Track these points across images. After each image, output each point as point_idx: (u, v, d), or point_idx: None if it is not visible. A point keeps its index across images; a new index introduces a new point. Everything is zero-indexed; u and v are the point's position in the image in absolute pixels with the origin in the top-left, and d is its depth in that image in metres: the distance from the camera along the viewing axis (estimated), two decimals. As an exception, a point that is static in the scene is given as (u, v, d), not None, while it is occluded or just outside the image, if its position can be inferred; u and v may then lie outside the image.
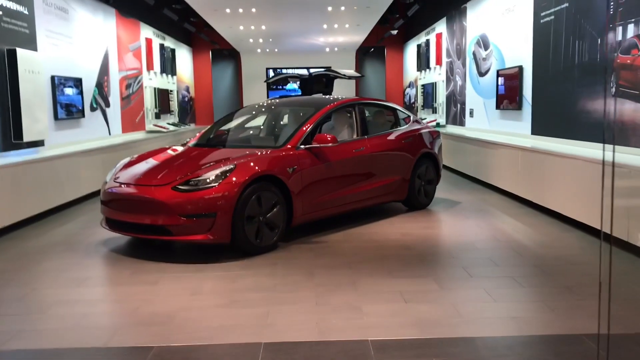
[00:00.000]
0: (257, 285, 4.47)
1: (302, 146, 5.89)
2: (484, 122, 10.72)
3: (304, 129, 6.03)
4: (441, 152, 7.81)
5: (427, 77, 15.53)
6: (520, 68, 8.79)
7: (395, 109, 7.52)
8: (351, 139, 6.54)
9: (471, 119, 11.64)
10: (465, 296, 4.17)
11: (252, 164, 5.39)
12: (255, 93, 19.28)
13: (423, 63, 15.83)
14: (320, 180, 5.93)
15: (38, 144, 8.11)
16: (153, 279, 4.68)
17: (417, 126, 7.51)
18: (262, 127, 7.27)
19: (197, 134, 6.94)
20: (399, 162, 6.97)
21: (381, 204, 6.97)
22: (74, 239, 6.14)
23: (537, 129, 8.31)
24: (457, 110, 12.66)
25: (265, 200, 5.35)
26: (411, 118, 7.59)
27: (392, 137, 6.99)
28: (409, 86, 18.24)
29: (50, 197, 7.43)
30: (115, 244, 5.84)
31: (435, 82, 14.45)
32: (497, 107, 9.81)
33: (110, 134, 11.12)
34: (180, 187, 5.13)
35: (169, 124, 15.03)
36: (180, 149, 6.37)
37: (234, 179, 5.15)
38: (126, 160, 6.19)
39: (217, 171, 5.21)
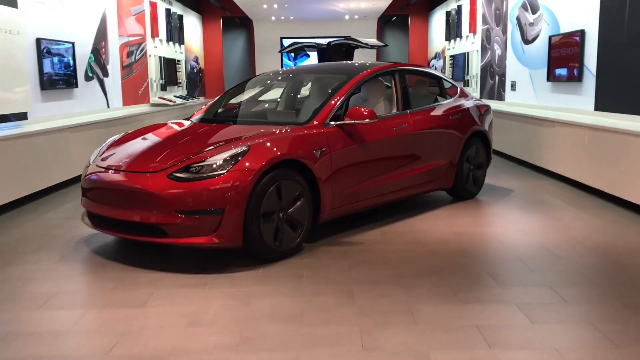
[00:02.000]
0: (277, 310, 3.32)
1: (332, 123, 4.69)
2: (530, 96, 9.43)
3: (335, 101, 4.82)
4: (491, 130, 6.57)
5: (457, 47, 14.17)
6: (582, 33, 7.48)
7: (439, 78, 6.27)
8: (390, 114, 5.32)
9: (512, 92, 10.35)
10: (570, 336, 2.99)
11: (270, 145, 4.21)
12: (268, 65, 18.00)
13: (453, 32, 14.46)
14: (353, 166, 4.75)
15: (20, 117, 6.97)
16: (141, 297, 3.55)
17: (464, 99, 6.27)
18: (280, 99, 6.06)
19: (203, 107, 5.76)
20: (446, 142, 5.76)
21: (423, 193, 5.77)
22: (51, 233, 5.03)
23: (603, 104, 7.03)
24: (494, 83, 11.36)
25: (287, 191, 4.19)
26: (458, 89, 6.35)
27: (437, 112, 5.76)
28: (435, 57, 16.88)
29: (32, 180, 6.31)
30: (100, 241, 4.71)
31: (468, 53, 13.11)
32: (549, 79, 8.51)
33: (109, 106, 9.97)
34: (178, 174, 3.97)
35: (176, 96, 13.85)
36: (181, 124, 5.19)
37: (247, 164, 3.99)
38: (114, 138, 5.03)
39: (226, 154, 4.04)
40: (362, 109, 4.66)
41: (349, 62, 6.10)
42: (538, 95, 9.12)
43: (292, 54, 16.99)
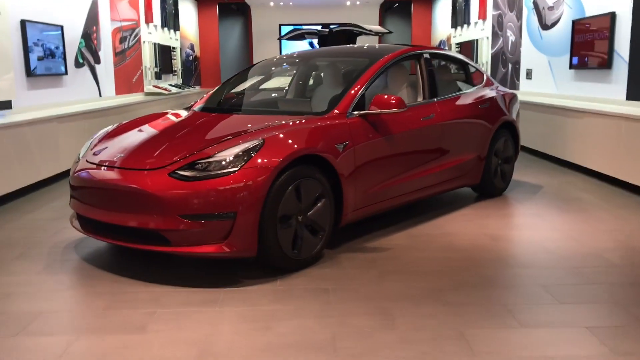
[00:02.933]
0: (304, 336, 2.78)
1: (356, 112, 4.13)
2: (549, 84, 8.89)
3: (357, 88, 4.25)
4: (519, 121, 6.02)
5: (464, 34, 13.60)
6: (612, 16, 6.92)
7: (465, 63, 5.71)
8: (416, 103, 4.76)
9: (528, 81, 9.80)
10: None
11: (287, 138, 3.65)
12: (267, 53, 17.35)
13: (460, 18, 13.88)
14: (378, 161, 4.19)
15: (3, 106, 6.36)
16: (140, 319, 2.99)
17: (491, 86, 5.72)
18: (290, 86, 5.49)
19: (205, 96, 5.18)
20: (475, 134, 5.22)
21: (450, 191, 5.23)
22: (36, 237, 4.45)
23: (637, 92, 6.49)
24: (507, 72, 10.81)
25: (306, 191, 3.64)
26: (484, 76, 5.80)
27: (465, 100, 5.21)
28: (440, 45, 16.30)
29: (15, 175, 5.73)
30: (91, 247, 4.15)
31: (477, 40, 12.55)
32: (572, 66, 7.97)
33: (101, 95, 9.36)
34: (181, 172, 3.41)
35: (171, 85, 13.23)
36: (182, 114, 4.61)
37: (262, 160, 3.43)
38: (107, 129, 4.45)
39: (237, 149, 3.47)
40: (389, 97, 4.09)
41: (367, 45, 5.53)
42: (558, 84, 8.58)
43: (314, 40, 16.23)
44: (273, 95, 5.40)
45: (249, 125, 3.88)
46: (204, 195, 3.32)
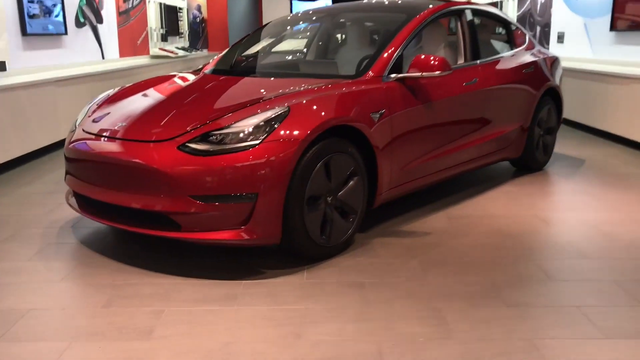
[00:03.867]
0: (341, 348, 2.30)
1: (393, 75, 3.58)
2: (584, 48, 8.23)
3: (394, 47, 3.68)
4: (561, 87, 5.45)
5: (487, -5, 12.84)
6: (664, -29, 6.26)
7: (507, 21, 5.11)
8: (457, 66, 4.19)
9: (559, 45, 9.14)
10: None
11: (316, 106, 3.12)
12: (277, 15, 16.63)
13: (482, -22, 13.09)
14: (416, 133, 3.66)
15: (-4, 68, 5.83)
16: (145, 319, 2.52)
17: (533, 49, 5.13)
18: (309, 46, 4.91)
19: (216, 57, 4.61)
20: (519, 102, 4.66)
21: (488, 165, 4.70)
22: (29, 214, 3.98)
23: (691, 57, 5.88)
24: (535, 35, 10.13)
25: (337, 168, 3.13)
26: (526, 36, 5.20)
27: (509, 64, 4.64)
28: (459, 8, 15.50)
29: (9, 144, 5.24)
30: (91, 227, 3.67)
31: (501, 1, 11.81)
32: (613, 27, 7.32)
33: (103, 57, 8.77)
34: (192, 145, 2.90)
35: (178, 48, 12.60)
36: (191, 78, 4.07)
37: (287, 132, 2.91)
38: (108, 93, 3.92)
39: (257, 119, 2.95)
40: (432, 58, 3.54)
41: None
42: (595, 48, 7.93)
43: None
44: (296, 55, 4.82)
45: (269, 91, 3.35)
46: (218, 172, 2.81)
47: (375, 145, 3.32)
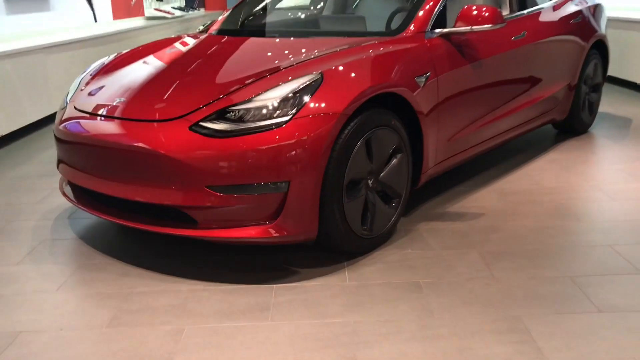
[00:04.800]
0: (410, 377, 1.84)
1: (437, 31, 3.03)
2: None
3: (437, -1, 3.12)
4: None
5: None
6: None
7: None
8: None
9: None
10: None
11: (353, 71, 2.58)
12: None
13: None
14: (464, 97, 3.14)
15: (-24, 35, 5.26)
16: (159, 345, 2.05)
17: (577, -4, 4.54)
18: None
19: (222, 15, 4.03)
20: (567, 56, 4.11)
21: (534, 130, 4.16)
22: (19, 202, 3.49)
23: None
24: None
25: (379, 145, 2.62)
26: (569, -18, 4.60)
27: (555, 14, 4.06)
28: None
29: (-5, 121, 4.72)
30: (91, 218, 3.19)
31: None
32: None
33: (96, 20, 8.16)
34: (206, 124, 2.38)
35: (174, 8, 11.89)
36: (196, 40, 3.51)
37: (321, 105, 2.39)
38: (102, 61, 3.38)
39: (284, 89, 2.42)
40: (483, 8, 2.98)
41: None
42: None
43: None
44: (319, 8, 4.20)
45: (292, 54, 2.81)
46: (239, 157, 2.30)
47: (421, 115, 2.80)
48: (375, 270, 2.52)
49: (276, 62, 2.73)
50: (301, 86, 2.42)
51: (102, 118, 2.66)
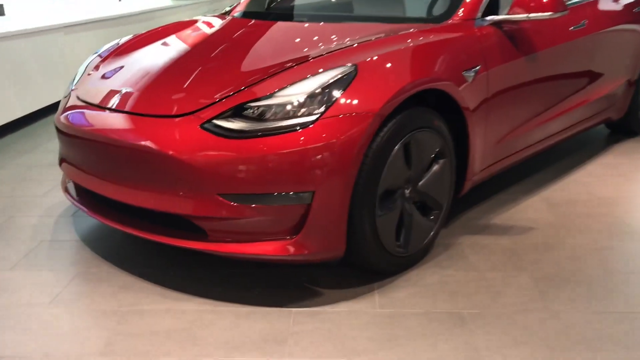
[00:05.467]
0: None
1: (489, 18, 2.64)
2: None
3: (488, -19, 2.73)
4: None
5: None
6: None
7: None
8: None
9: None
10: None
11: (391, 64, 2.23)
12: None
13: None
14: (516, 94, 2.76)
15: (-9, 13, 5.02)
16: (157, 381, 1.76)
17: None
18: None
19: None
20: (628, 50, 3.67)
21: (587, 130, 3.75)
22: (22, 196, 3.23)
23: None
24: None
25: (419, 150, 2.27)
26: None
27: (615, 2, 3.62)
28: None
29: (8, 103, 4.47)
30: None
31: None
32: None
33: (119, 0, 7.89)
34: (220, 122, 2.06)
35: (202, -13, 11.56)
36: (217, 23, 3.18)
37: (352, 103, 2.04)
38: (114, 44, 3.08)
39: (312, 84, 2.08)
40: (544, -8, 2.59)
41: None
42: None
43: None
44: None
45: (322, 42, 2.46)
46: (257, 162, 1.98)
47: (468, 114, 2.44)
48: (411, 295, 2.18)
49: (304, 50, 2.39)
50: (331, 80, 2.07)
51: (106, 110, 2.36)
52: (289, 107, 2.03)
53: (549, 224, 2.77)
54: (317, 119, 2.00)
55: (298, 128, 1.99)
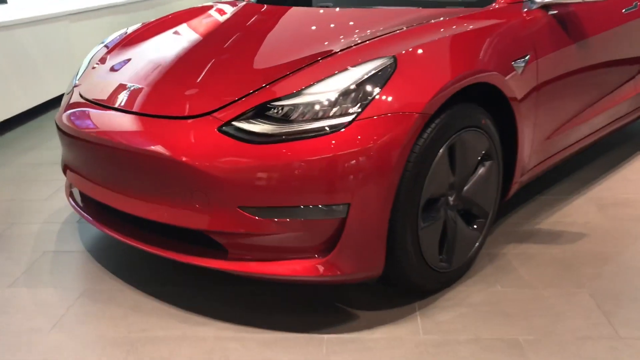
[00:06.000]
0: None
1: (537, 0, 2.34)
2: None
3: (535, -44, 2.43)
4: None
5: None
6: None
7: None
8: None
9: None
10: None
11: (433, 55, 1.95)
12: None
13: None
14: (567, 84, 2.47)
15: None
16: None
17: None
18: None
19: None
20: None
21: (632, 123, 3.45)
22: (24, 200, 3.01)
23: None
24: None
25: (464, 152, 2.00)
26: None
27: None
28: None
29: (11, 96, 4.25)
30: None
31: None
32: None
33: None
34: (241, 124, 1.79)
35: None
36: (232, 10, 2.91)
37: (392, 100, 1.77)
38: (125, 31, 2.83)
39: (345, 79, 1.81)
40: (598, -29, 2.30)
41: None
42: None
43: None
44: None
45: (354, 30, 2.19)
46: (283, 170, 1.72)
47: (517, 109, 2.16)
48: (458, 318, 1.93)
49: (330, 41, 2.12)
50: (367, 75, 1.80)
51: (112, 111, 2.10)
52: (318, 107, 1.77)
53: (601, 229, 2.49)
54: (352, 120, 1.73)
55: (329, 131, 1.73)
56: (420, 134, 1.81)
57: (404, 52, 1.88)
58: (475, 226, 2.15)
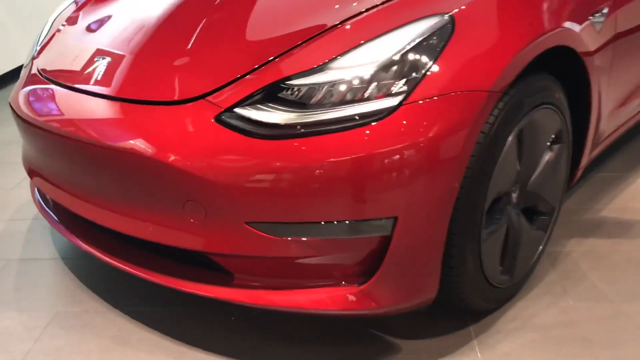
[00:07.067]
0: None
1: (615, -62, 1.86)
2: None
3: None
4: None
5: None
6: None
7: None
8: None
9: None
10: None
11: (501, 16, 1.46)
12: None
13: None
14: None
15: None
16: None
17: None
18: None
19: None
20: None
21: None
22: (-10, 192, 2.56)
23: None
24: None
25: (533, 137, 1.54)
26: None
27: None
28: None
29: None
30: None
31: None
32: None
33: None
34: (245, 111, 1.33)
35: None
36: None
37: (453, 77, 1.31)
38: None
39: (383, 49, 1.34)
40: None
41: None
42: None
43: None
44: None
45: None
46: (303, 174, 1.27)
47: (593, 76, 1.70)
48: (526, 347, 1.52)
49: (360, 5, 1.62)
50: (415, 42, 1.33)
51: (79, 93, 1.63)
52: (346, 87, 1.31)
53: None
54: (398, 105, 1.28)
55: (368, 119, 1.27)
56: (486, 119, 1.35)
57: (463, 7, 1.40)
58: (539, 225, 1.72)
